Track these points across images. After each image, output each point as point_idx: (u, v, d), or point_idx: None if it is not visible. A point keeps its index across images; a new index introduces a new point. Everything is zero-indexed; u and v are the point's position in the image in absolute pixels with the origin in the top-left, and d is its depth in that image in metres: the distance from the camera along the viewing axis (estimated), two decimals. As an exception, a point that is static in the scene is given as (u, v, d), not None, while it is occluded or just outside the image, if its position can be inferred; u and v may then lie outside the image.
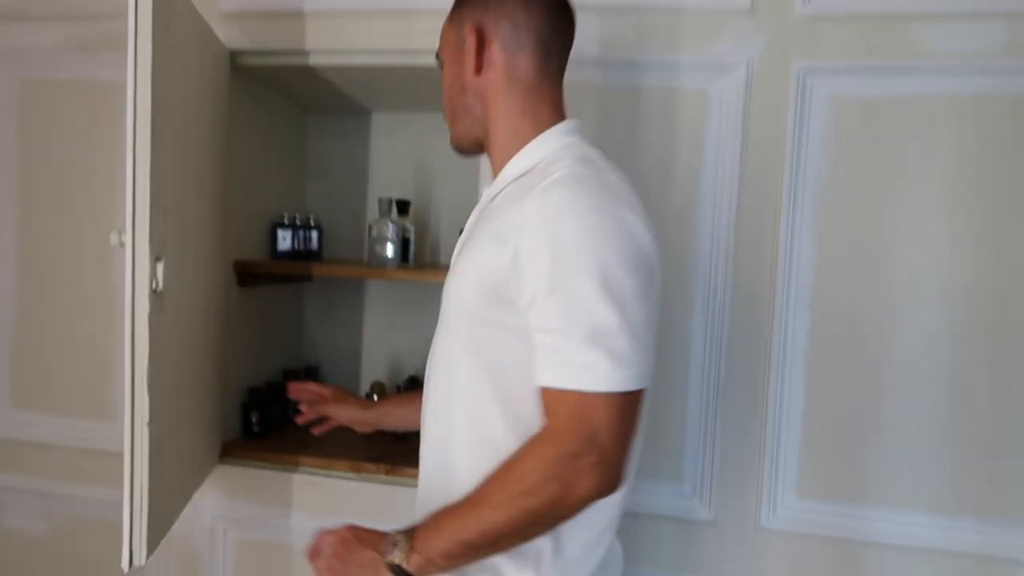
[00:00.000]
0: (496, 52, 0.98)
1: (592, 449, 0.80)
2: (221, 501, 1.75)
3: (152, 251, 1.22)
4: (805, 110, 1.46)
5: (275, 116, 2.01)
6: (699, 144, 1.50)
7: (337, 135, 2.21)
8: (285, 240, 1.94)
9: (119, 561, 1.24)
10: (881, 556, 1.47)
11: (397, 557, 0.87)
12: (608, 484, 0.81)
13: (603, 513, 0.92)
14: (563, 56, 1.01)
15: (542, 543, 0.90)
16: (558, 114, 1.00)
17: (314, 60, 1.65)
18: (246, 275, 1.84)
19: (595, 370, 0.80)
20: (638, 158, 1.51)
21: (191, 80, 1.42)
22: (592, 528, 0.93)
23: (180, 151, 1.37)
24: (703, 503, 1.53)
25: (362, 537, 0.93)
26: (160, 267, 1.23)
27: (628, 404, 0.82)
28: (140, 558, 1.21)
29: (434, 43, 1.52)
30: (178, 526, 1.77)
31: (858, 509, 1.47)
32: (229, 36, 1.66)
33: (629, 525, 1.55)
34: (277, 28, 1.65)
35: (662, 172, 1.51)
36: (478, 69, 0.99)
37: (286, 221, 1.95)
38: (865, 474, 1.47)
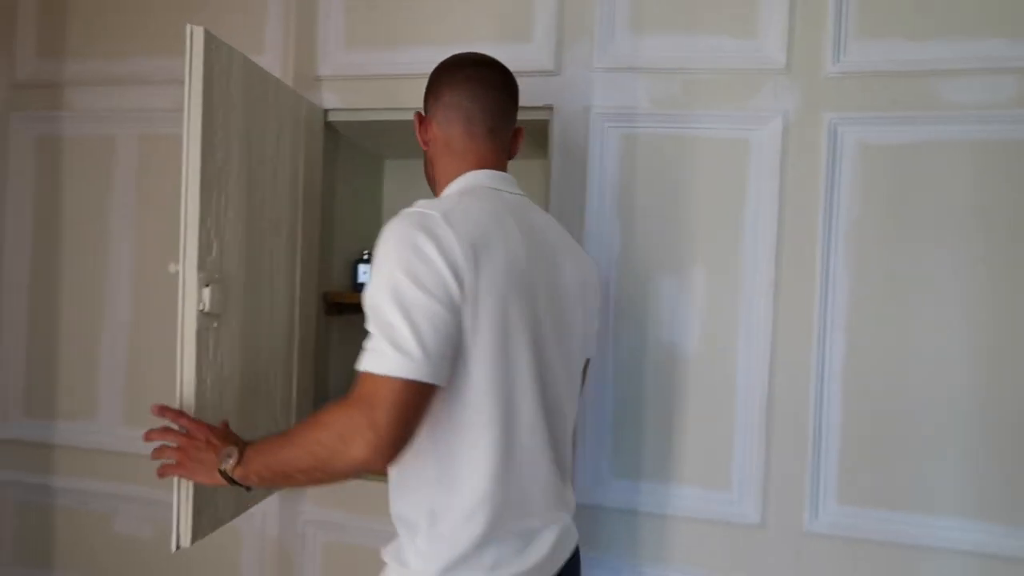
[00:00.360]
0: (434, 128, 1.26)
1: (368, 422, 0.96)
2: (311, 508, 1.95)
3: (200, 279, 1.40)
4: (836, 156, 1.64)
5: (357, 163, 2.25)
6: (742, 186, 1.69)
7: (410, 178, 2.44)
8: (366, 273, 2.16)
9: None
10: (917, 558, 1.61)
11: (228, 466, 1.16)
12: (374, 455, 0.97)
13: (466, 499, 1.07)
14: (488, 117, 1.22)
15: (420, 517, 1.10)
16: (478, 167, 1.22)
17: (391, 116, 1.89)
18: (332, 305, 2.06)
19: (382, 357, 0.97)
20: (687, 198, 1.71)
21: (269, 135, 1.65)
22: (456, 511, 1.07)
23: (251, 196, 1.60)
24: (751, 508, 1.68)
25: (211, 441, 1.24)
26: (207, 292, 1.41)
27: (407, 392, 0.97)
28: (186, 541, 1.39)
29: None
30: (273, 529, 1.97)
31: (894, 514, 1.62)
32: (324, 97, 1.91)
33: (685, 529, 1.71)
34: (362, 89, 1.89)
35: (708, 210, 1.70)
36: (425, 144, 1.29)
37: (366, 256, 2.17)
38: (900, 481, 1.61)
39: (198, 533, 1.41)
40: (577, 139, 1.76)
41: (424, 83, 1.83)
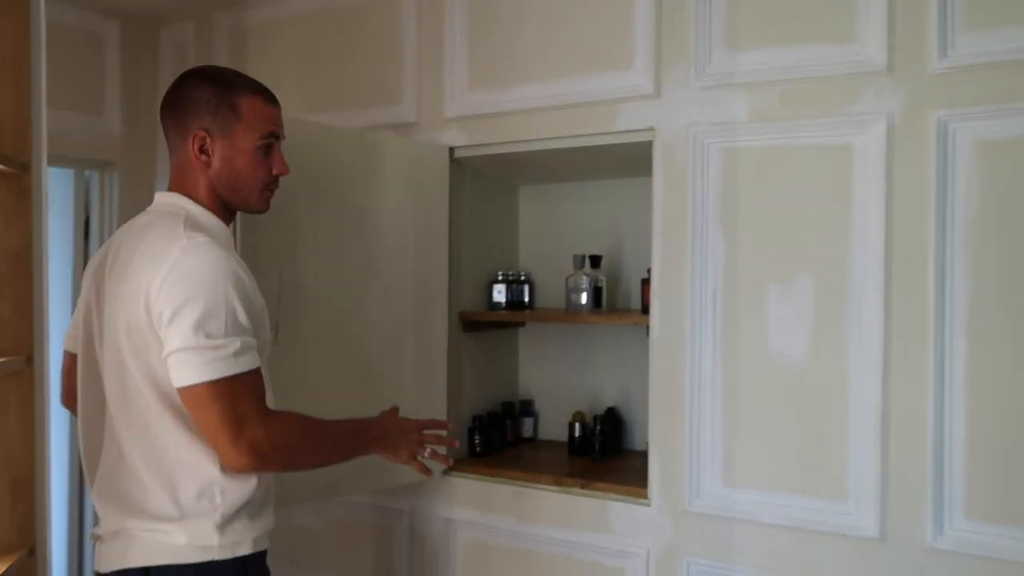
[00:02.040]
0: None
1: None
2: (451, 508, 2.15)
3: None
4: (948, 154, 1.57)
5: (489, 191, 2.45)
6: (847, 192, 1.66)
7: (544, 202, 2.60)
8: (500, 293, 2.35)
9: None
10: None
11: None
12: None
13: None
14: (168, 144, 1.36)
15: None
16: None
17: (513, 148, 2.07)
18: (469, 323, 2.27)
19: None
20: (790, 206, 1.72)
21: (355, 179, 1.92)
22: None
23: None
24: (869, 521, 1.64)
25: None
26: None
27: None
28: None
29: (594, 128, 1.89)
30: (419, 525, 2.20)
31: (1031, 532, 1.51)
32: (452, 136, 2.13)
33: (798, 540, 1.70)
34: (483, 126, 2.08)
35: (812, 218, 1.70)
36: None
37: (500, 277, 2.36)
38: (1035, 497, 1.50)
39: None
40: (678, 156, 1.83)
41: (535, 116, 2.01)
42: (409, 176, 2.03)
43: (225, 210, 1.35)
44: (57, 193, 2.65)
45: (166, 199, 1.32)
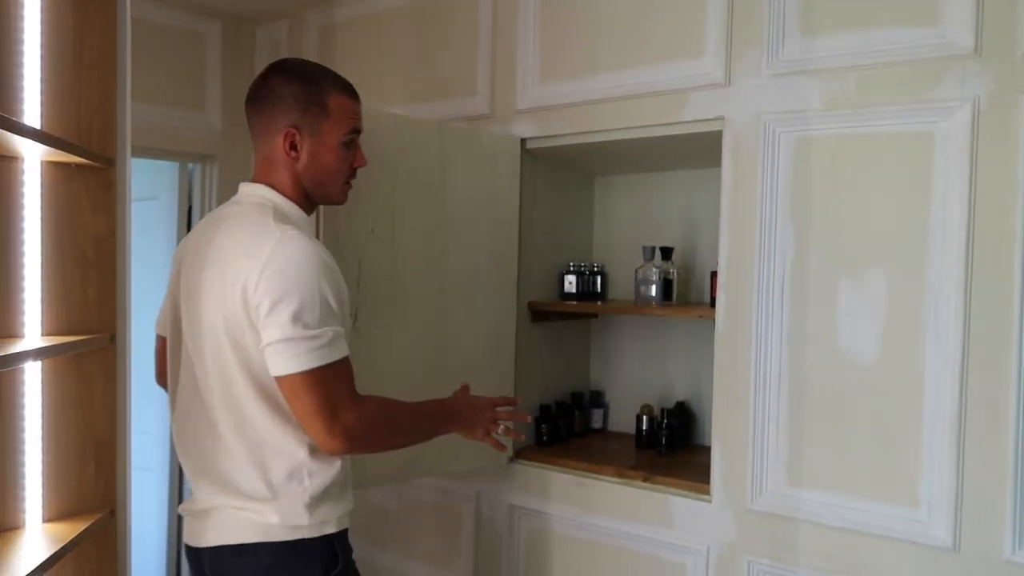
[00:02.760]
0: None
1: None
2: (516, 494, 2.18)
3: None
4: (1039, 141, 1.47)
5: (564, 182, 2.45)
6: (926, 182, 1.58)
7: (621, 193, 2.58)
8: (571, 284, 2.35)
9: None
10: None
11: None
12: None
13: None
14: (252, 135, 1.38)
15: None
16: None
17: (581, 139, 2.07)
18: (537, 313, 2.29)
19: None
20: (865, 198, 1.64)
21: (430, 168, 1.97)
22: None
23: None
24: (942, 529, 1.55)
25: None
26: None
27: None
28: None
29: (663, 118, 1.86)
30: (486, 509, 2.24)
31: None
32: (523, 127, 2.15)
33: (867, 545, 1.63)
34: (554, 117, 2.09)
35: (888, 210, 1.62)
36: None
37: (572, 268, 2.37)
38: None
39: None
40: (749, 146, 1.78)
41: (609, 107, 2.00)
42: (481, 167, 2.07)
43: (307, 201, 1.39)
44: (162, 184, 2.86)
45: (252, 190, 1.36)
